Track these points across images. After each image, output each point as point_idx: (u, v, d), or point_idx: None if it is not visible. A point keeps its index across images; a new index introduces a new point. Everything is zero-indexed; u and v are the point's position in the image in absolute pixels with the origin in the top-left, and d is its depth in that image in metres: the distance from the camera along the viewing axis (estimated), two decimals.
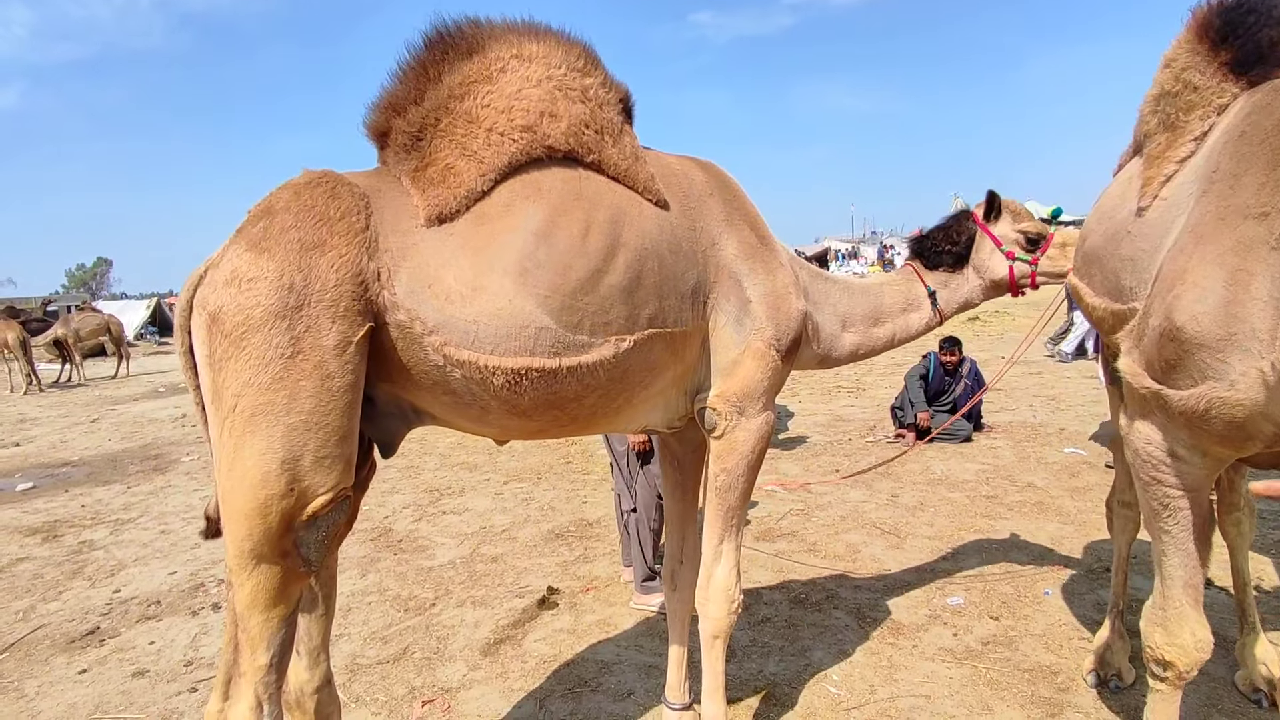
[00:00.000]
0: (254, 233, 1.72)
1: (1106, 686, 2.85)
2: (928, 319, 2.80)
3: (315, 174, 1.82)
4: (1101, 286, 2.21)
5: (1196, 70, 1.93)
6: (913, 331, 2.79)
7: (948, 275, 2.83)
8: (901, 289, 2.80)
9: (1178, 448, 1.79)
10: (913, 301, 2.78)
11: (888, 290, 2.78)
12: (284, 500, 1.69)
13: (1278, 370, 1.49)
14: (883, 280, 2.87)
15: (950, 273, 2.83)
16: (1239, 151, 1.69)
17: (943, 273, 2.83)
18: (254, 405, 1.64)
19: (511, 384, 1.83)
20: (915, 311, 2.78)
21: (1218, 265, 1.61)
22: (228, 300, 1.66)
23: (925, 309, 2.78)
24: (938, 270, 2.83)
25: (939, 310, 2.79)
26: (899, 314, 2.76)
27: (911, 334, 2.81)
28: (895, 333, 2.76)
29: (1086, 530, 4.47)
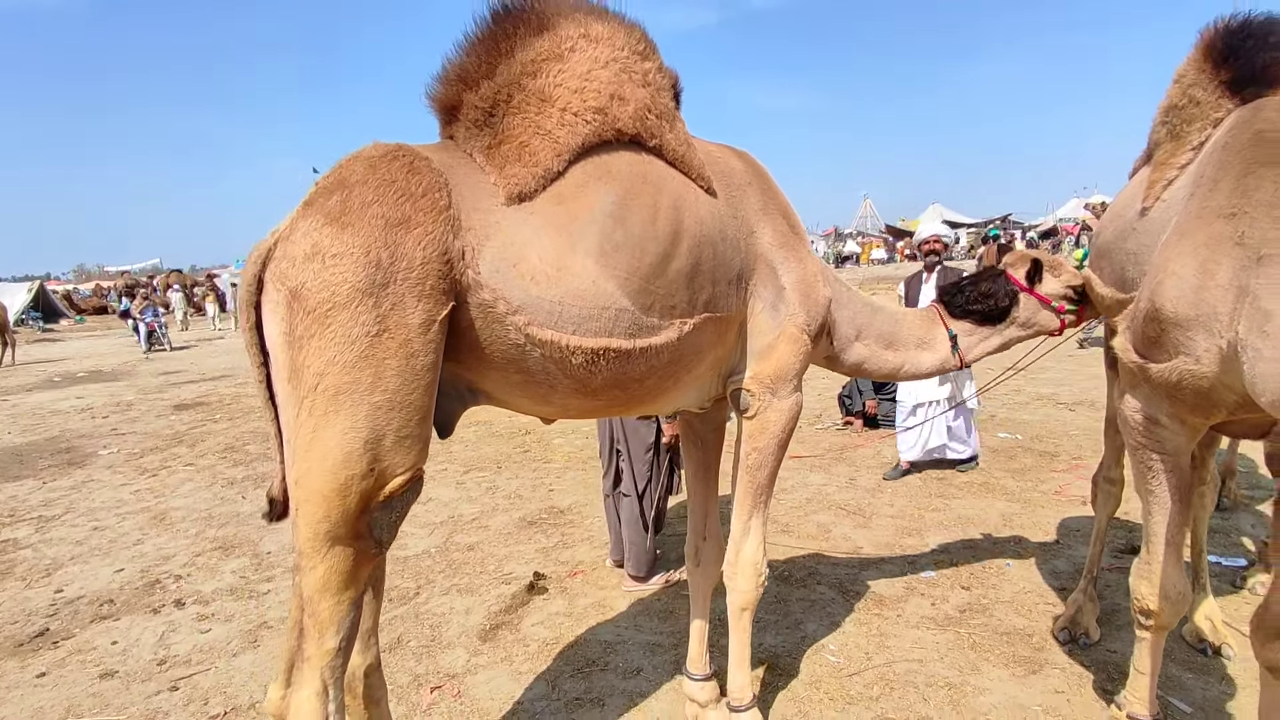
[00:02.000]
0: (331, 206, 1.67)
1: (1077, 644, 3.13)
2: (942, 359, 2.83)
3: (389, 146, 1.78)
4: (1110, 278, 2.43)
5: (1199, 86, 2.16)
6: (922, 369, 2.84)
7: (975, 326, 2.87)
8: (921, 325, 2.84)
9: (1160, 416, 2.01)
10: (928, 340, 2.83)
11: (907, 321, 2.83)
12: (364, 480, 1.66)
13: (1233, 347, 1.70)
14: (906, 311, 2.94)
15: (979, 325, 2.87)
16: (1221, 160, 1.92)
17: (970, 323, 2.87)
18: (338, 384, 1.60)
19: (589, 364, 1.85)
20: (928, 350, 2.83)
21: (1192, 256, 1.83)
22: (311, 276, 1.61)
23: (941, 350, 2.83)
24: (963, 320, 2.87)
25: (960, 354, 2.84)
26: (912, 347, 2.80)
27: (921, 371, 2.86)
28: (904, 363, 2.80)
29: (1031, 508, 4.83)
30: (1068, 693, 2.83)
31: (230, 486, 6.15)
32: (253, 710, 2.96)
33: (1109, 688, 2.83)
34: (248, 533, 5.01)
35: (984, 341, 2.91)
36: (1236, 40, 2.11)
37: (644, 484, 3.83)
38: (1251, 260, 1.66)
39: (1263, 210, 1.69)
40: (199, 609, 3.89)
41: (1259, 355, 1.56)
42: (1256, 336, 1.58)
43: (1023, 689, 2.87)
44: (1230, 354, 1.69)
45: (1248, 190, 1.76)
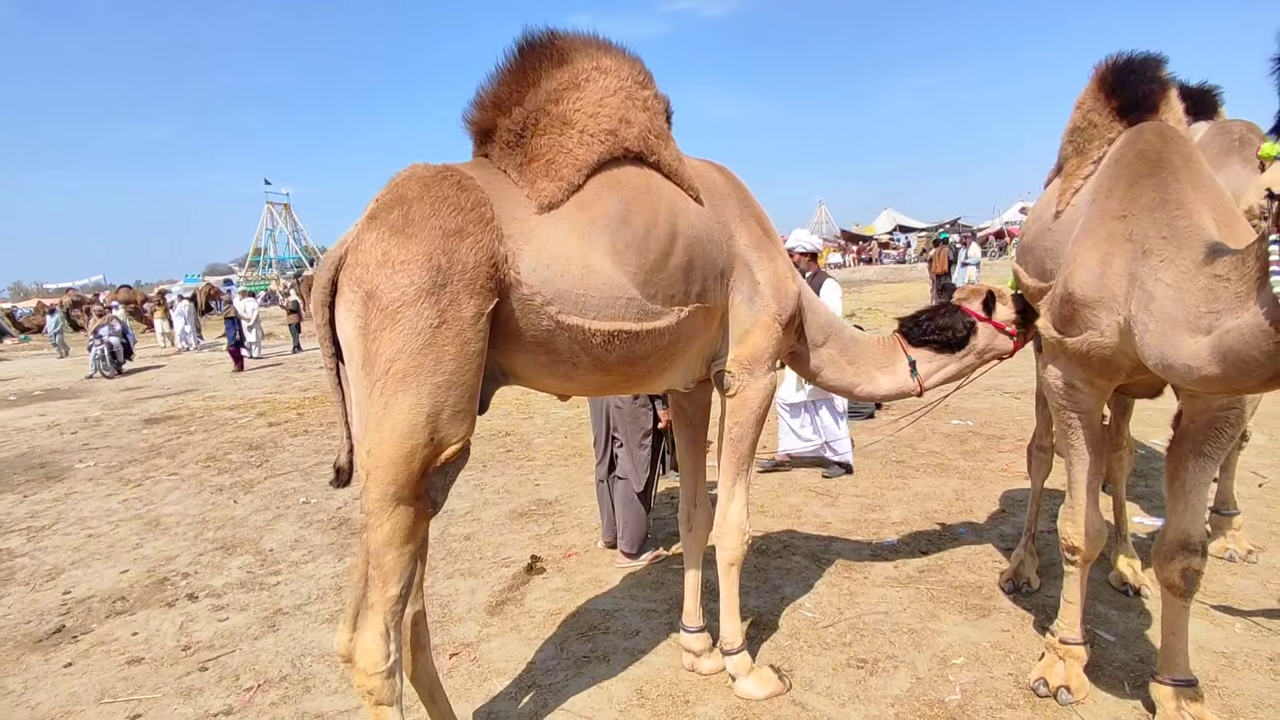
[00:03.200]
0: (394, 220, 1.99)
1: (1020, 592, 3.57)
2: (900, 384, 3.09)
3: (438, 168, 2.10)
4: (1033, 270, 2.87)
5: (1096, 112, 2.61)
6: (880, 390, 3.12)
7: (933, 354, 3.11)
8: (883, 350, 3.11)
9: (1075, 381, 2.44)
10: (888, 365, 3.11)
11: (870, 343, 3.12)
12: (426, 449, 1.98)
13: (1128, 322, 2.13)
14: (870, 335, 3.22)
15: (937, 353, 3.12)
16: (1113, 172, 2.37)
17: (929, 350, 3.12)
18: (406, 368, 1.92)
19: (605, 343, 2.20)
20: (887, 374, 3.09)
21: (1094, 250, 2.27)
22: (383, 280, 1.92)
23: (900, 375, 3.10)
24: (921, 348, 3.11)
25: (919, 379, 3.11)
26: (872, 368, 3.07)
27: (879, 393, 3.14)
28: (860, 381, 3.06)
29: (981, 484, 5.31)
30: (1012, 631, 3.26)
31: (220, 493, 6.29)
32: (284, 683, 3.21)
33: (1046, 624, 3.26)
34: (246, 533, 5.20)
35: (943, 369, 3.13)
36: (1123, 74, 2.56)
37: (645, 467, 4.17)
38: (1139, 253, 2.09)
39: (1145, 213, 2.13)
40: (212, 601, 4.09)
41: (1145, 328, 1.98)
42: (1144, 313, 2.00)
43: (974, 630, 3.29)
44: (1126, 328, 2.12)
45: (1134, 197, 2.20)
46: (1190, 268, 1.88)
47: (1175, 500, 2.42)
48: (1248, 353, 1.64)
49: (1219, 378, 1.76)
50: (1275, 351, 1.59)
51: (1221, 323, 1.70)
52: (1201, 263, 1.84)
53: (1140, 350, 2.02)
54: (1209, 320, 1.74)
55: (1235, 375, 1.71)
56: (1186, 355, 1.81)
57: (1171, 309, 1.90)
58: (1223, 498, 3.91)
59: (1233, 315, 1.67)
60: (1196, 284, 1.82)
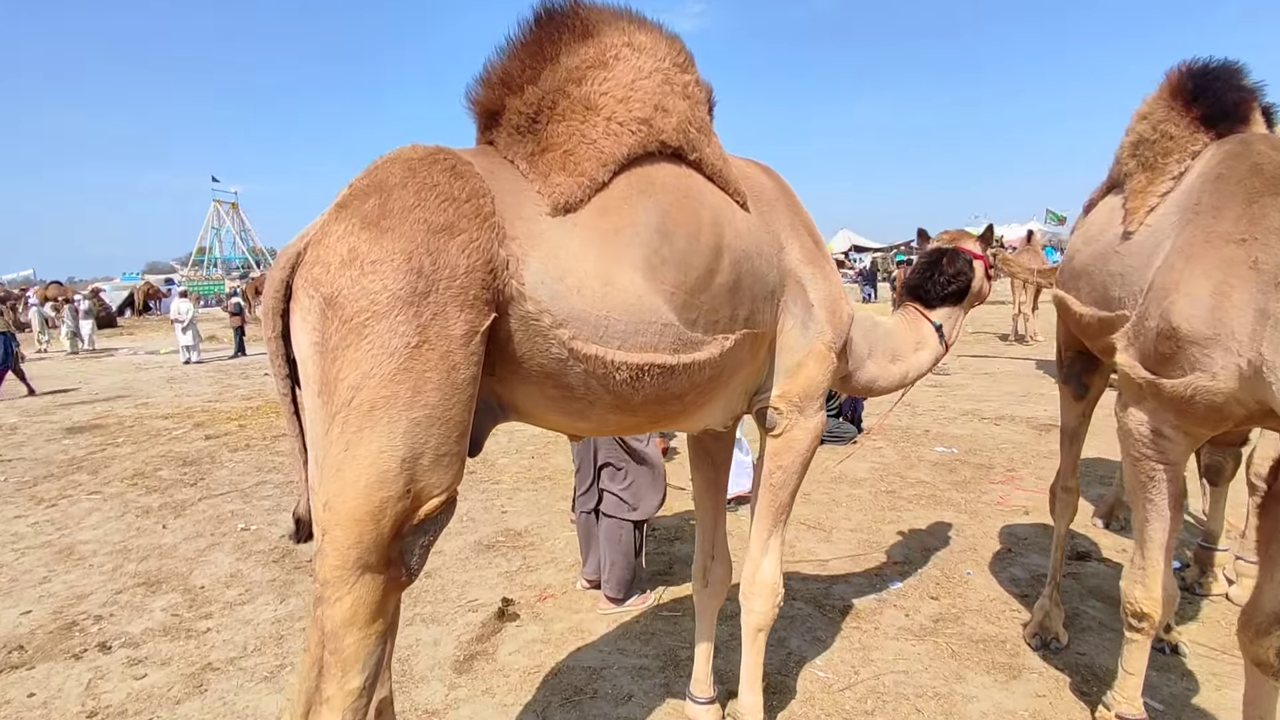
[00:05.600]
0: (369, 209, 1.55)
1: (1048, 648, 3.26)
2: (936, 353, 2.95)
3: (429, 149, 1.68)
4: (1089, 297, 2.56)
5: (1171, 123, 2.33)
6: (924, 368, 2.94)
7: (950, 309, 3.02)
8: (912, 330, 2.92)
9: (1164, 428, 2.13)
10: (923, 340, 2.93)
11: (900, 329, 2.91)
12: (400, 502, 1.54)
13: (1253, 365, 1.82)
14: (893, 320, 3.01)
15: (953, 306, 3.02)
16: (1218, 190, 2.07)
17: (946, 308, 3.00)
18: (375, 398, 1.48)
19: (632, 379, 1.79)
20: (925, 350, 2.92)
21: (1205, 279, 1.96)
22: (348, 283, 1.49)
23: (934, 344, 2.94)
24: (941, 308, 3.00)
25: (945, 342, 2.97)
26: (912, 353, 2.88)
27: (924, 370, 2.95)
28: (909, 371, 2.88)
29: (979, 518, 5.04)
30: (1049, 696, 2.94)
31: (145, 515, 5.63)
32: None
33: (1085, 689, 2.96)
34: (174, 565, 4.59)
35: (959, 322, 3.05)
36: (1204, 81, 2.29)
37: (653, 505, 3.76)
38: (1270, 284, 1.79)
39: (1275, 237, 1.83)
40: (129, 653, 3.51)
41: None
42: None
43: (1007, 695, 2.96)
44: (1251, 372, 1.80)
45: (1255, 218, 1.90)
46: None
47: (1272, 565, 2.12)
48: None
49: None
50: None
51: None
52: None
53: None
54: None
55: None
56: None
57: None
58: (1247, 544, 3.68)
59: None
60: None
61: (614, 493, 3.74)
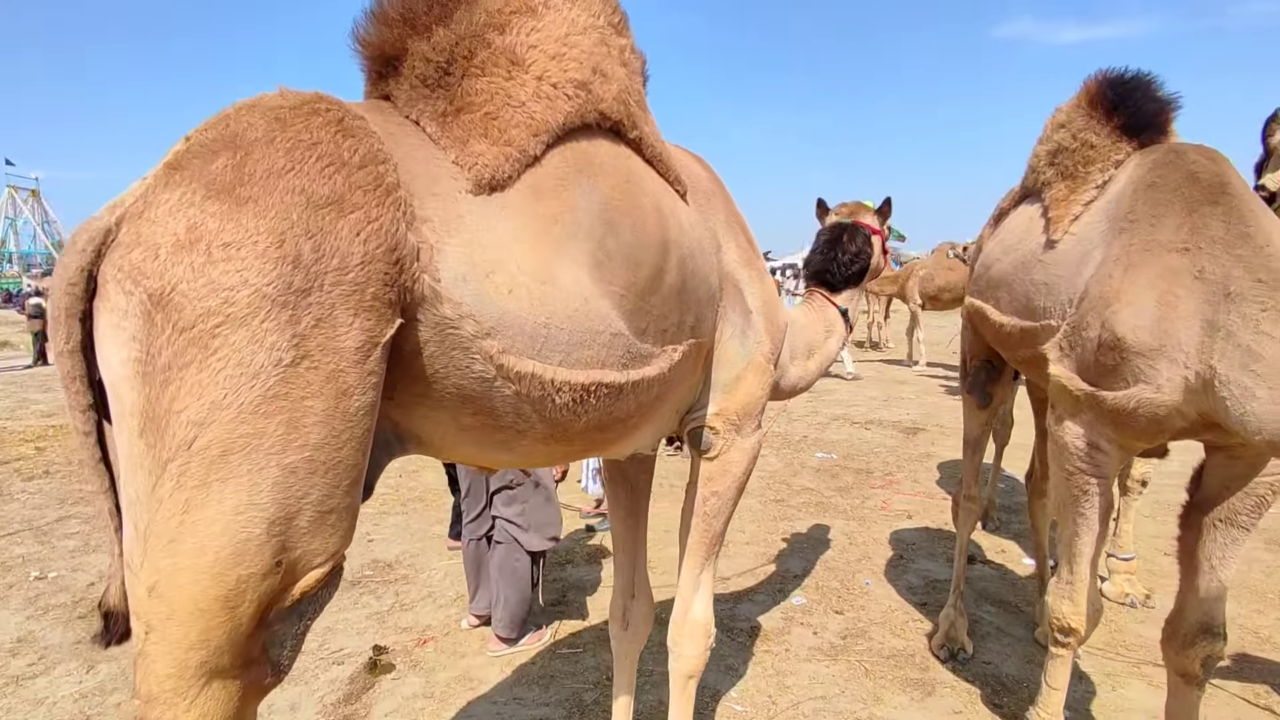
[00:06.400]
0: (216, 172, 1.12)
1: (956, 659, 3.23)
2: (842, 337, 2.79)
3: (304, 95, 1.25)
4: (1010, 307, 2.51)
5: (1092, 132, 2.32)
6: (833, 356, 2.77)
7: (852, 291, 2.87)
8: (820, 317, 2.73)
9: (1101, 442, 2.08)
10: (830, 326, 2.76)
11: (810, 321, 2.72)
12: (266, 580, 1.12)
13: (1201, 378, 1.79)
14: (802, 310, 2.83)
15: (854, 287, 2.88)
16: (1154, 199, 2.04)
17: (848, 290, 2.86)
18: (229, 438, 1.06)
19: (575, 403, 1.45)
20: (834, 336, 2.76)
21: (1149, 289, 1.92)
22: (188, 275, 1.05)
23: (840, 329, 2.77)
24: (844, 290, 2.85)
25: (850, 325, 2.83)
26: (823, 341, 2.71)
27: (832, 358, 2.78)
28: (823, 362, 2.70)
29: (867, 524, 5.09)
30: (965, 711, 2.89)
31: None
32: None
33: (997, 701, 2.94)
34: None
35: (857, 302, 2.93)
36: (1124, 91, 2.30)
37: (553, 533, 3.38)
38: (1218, 295, 1.75)
39: (1220, 248, 1.80)
40: None
41: (1250, 394, 1.62)
42: (1244, 375, 1.64)
43: (925, 713, 2.88)
44: (1198, 384, 1.76)
45: (1197, 227, 1.86)
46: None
47: (1197, 576, 2.12)
48: None
49: None
50: None
51: None
52: None
53: (1239, 418, 1.65)
54: None
55: None
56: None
57: None
58: (1119, 541, 3.89)
59: None
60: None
61: (510, 519, 3.34)
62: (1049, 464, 2.30)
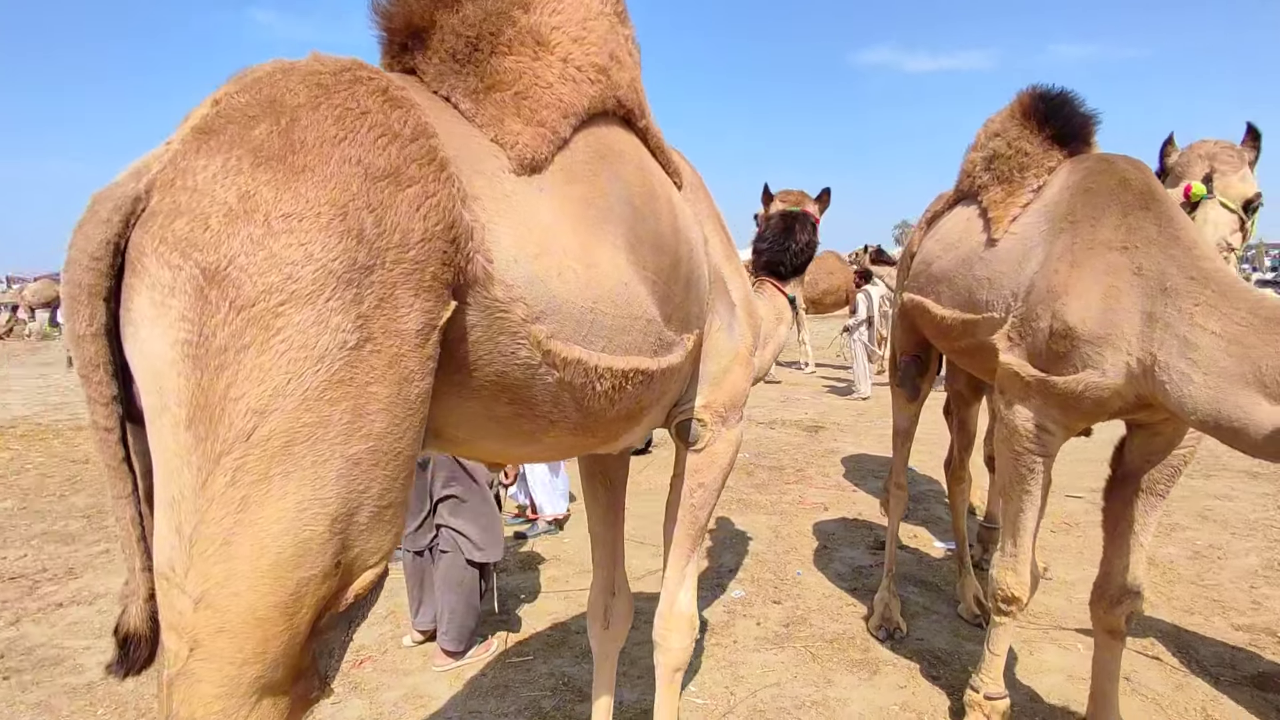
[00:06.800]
0: (260, 139, 1.03)
1: (893, 638, 3.42)
2: (790, 325, 2.85)
3: (344, 61, 1.17)
4: (951, 301, 2.70)
5: (1026, 141, 2.54)
6: (783, 343, 2.84)
7: (797, 280, 2.92)
8: (771, 305, 2.79)
9: (1048, 423, 2.28)
10: (780, 314, 2.81)
11: (767, 314, 2.73)
12: (325, 584, 1.05)
13: (1142, 364, 2.02)
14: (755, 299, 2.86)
15: (799, 276, 2.93)
16: (1091, 202, 2.26)
17: (797, 279, 2.91)
18: (292, 428, 0.98)
19: (614, 390, 1.44)
20: (783, 323, 2.81)
21: (1095, 283, 2.13)
22: (246, 247, 0.96)
23: (789, 317, 2.83)
24: (792, 279, 2.91)
25: (798, 313, 2.90)
26: (774, 329, 2.75)
27: (783, 345, 2.84)
28: (775, 351, 2.75)
29: (788, 518, 5.29)
30: (909, 686, 3.06)
31: None
32: None
33: (935, 673, 3.14)
34: None
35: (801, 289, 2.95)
36: (1055, 105, 2.55)
37: (500, 543, 3.26)
38: (1155, 290, 1.96)
39: (1155, 248, 2.02)
40: None
41: (1187, 379, 1.82)
42: (1182, 362, 1.85)
43: (874, 691, 3.03)
44: (1138, 369, 1.97)
45: (1132, 228, 2.09)
46: (1250, 320, 1.75)
47: (1121, 541, 2.37)
48: None
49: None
50: None
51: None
52: (1274, 319, 1.71)
53: (1177, 400, 1.85)
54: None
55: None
56: (1267, 425, 1.65)
57: (1226, 362, 1.76)
58: None
59: None
60: (1272, 343, 1.68)
61: (456, 529, 3.22)
62: (996, 446, 2.48)
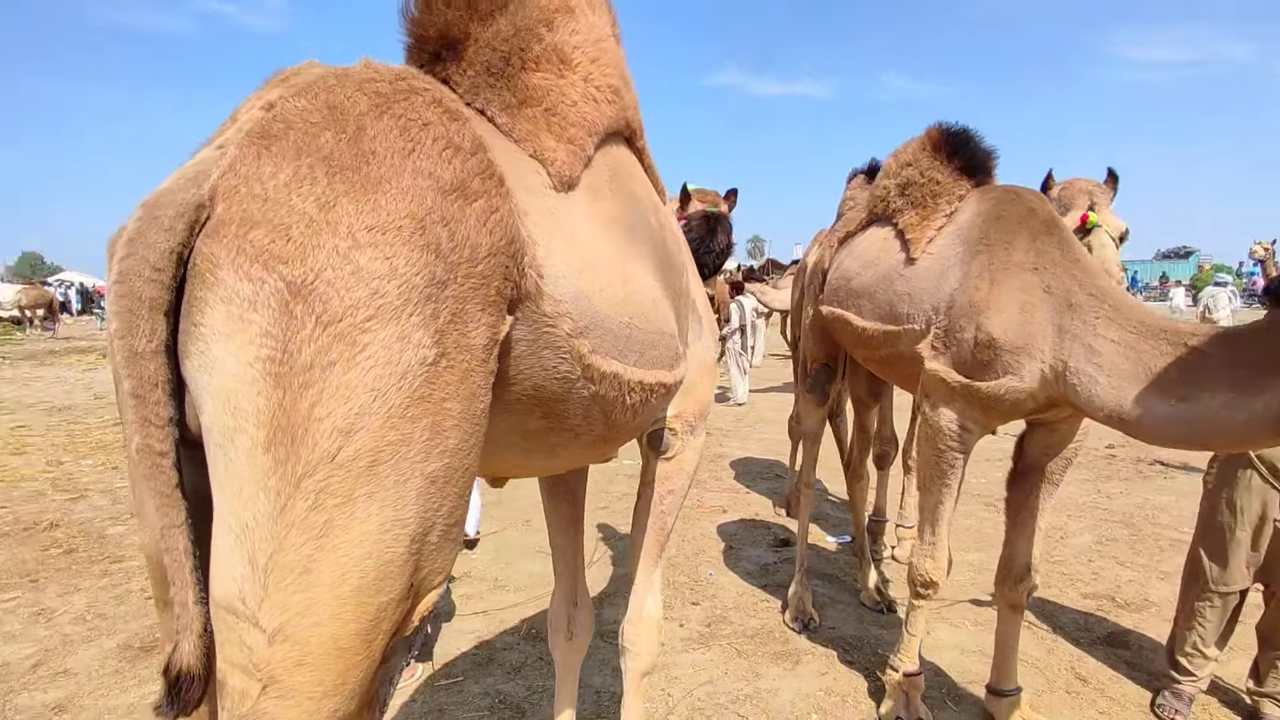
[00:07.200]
0: (328, 147, 0.98)
1: (808, 629, 3.63)
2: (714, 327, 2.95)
3: (396, 70, 1.13)
4: (872, 314, 2.93)
5: (938, 171, 2.82)
6: None
7: (711, 280, 2.90)
8: None
9: (969, 424, 2.54)
10: None
11: None
12: (399, 607, 1.02)
13: (1055, 370, 2.30)
14: None
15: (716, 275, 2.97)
16: (1003, 227, 2.53)
17: (710, 281, 2.86)
18: (377, 447, 0.94)
19: (640, 403, 1.47)
20: None
21: (1013, 299, 2.41)
22: (332, 260, 0.92)
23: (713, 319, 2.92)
24: (708, 279, 2.82)
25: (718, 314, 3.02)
26: None
27: None
28: None
29: (690, 521, 5.44)
30: (830, 672, 3.27)
31: None
32: None
33: (850, 658, 3.38)
34: None
35: None
36: (962, 140, 2.85)
37: None
38: (1063, 306, 2.25)
39: (1060, 269, 2.31)
40: None
41: (1094, 381, 2.11)
42: (1089, 366, 2.13)
43: (800, 680, 3.21)
44: (1051, 375, 2.24)
45: (1041, 251, 2.38)
46: (1140, 329, 2.05)
47: (1023, 526, 2.67)
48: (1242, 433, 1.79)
49: (1187, 441, 1.96)
50: None
51: (1204, 397, 1.84)
52: (1159, 328, 2.02)
53: (1086, 399, 2.13)
54: (1186, 390, 1.89)
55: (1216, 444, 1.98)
56: (1160, 416, 1.94)
57: (1124, 365, 2.05)
58: (904, 513, 4.67)
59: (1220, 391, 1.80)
60: (1160, 349, 1.98)
61: None
62: (919, 445, 2.72)
